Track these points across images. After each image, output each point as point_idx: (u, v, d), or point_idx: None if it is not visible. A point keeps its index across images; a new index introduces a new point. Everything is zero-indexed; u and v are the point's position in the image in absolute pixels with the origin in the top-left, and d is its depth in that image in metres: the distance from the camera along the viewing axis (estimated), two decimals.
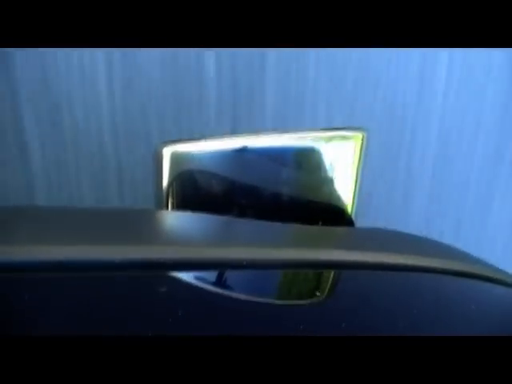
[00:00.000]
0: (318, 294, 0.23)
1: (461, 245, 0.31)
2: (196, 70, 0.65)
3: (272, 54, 0.67)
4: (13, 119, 0.64)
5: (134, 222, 0.27)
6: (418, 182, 0.76)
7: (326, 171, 0.32)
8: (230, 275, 0.22)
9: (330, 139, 0.31)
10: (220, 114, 0.67)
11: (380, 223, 0.31)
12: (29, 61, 0.62)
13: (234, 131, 0.65)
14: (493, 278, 0.26)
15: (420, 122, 0.74)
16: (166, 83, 0.65)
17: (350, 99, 0.70)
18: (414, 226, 0.75)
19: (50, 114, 0.64)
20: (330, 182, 0.32)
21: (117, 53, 0.64)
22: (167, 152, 0.32)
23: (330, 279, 0.24)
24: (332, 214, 0.33)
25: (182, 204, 0.33)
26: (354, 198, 0.33)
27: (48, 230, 0.23)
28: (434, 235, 0.31)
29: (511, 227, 0.82)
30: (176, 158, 0.32)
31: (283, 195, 0.32)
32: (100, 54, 0.65)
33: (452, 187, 0.78)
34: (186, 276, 0.21)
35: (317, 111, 0.70)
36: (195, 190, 0.32)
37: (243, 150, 0.31)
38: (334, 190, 0.32)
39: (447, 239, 0.31)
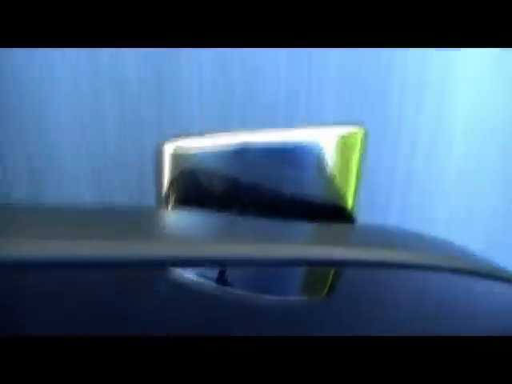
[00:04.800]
0: (320, 291, 0.22)
1: (460, 240, 0.31)
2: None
3: (273, 53, 0.67)
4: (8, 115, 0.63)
5: (136, 220, 0.27)
6: (418, 179, 0.76)
7: (327, 168, 0.32)
8: (232, 272, 0.22)
9: (331, 136, 0.31)
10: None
11: (381, 220, 0.31)
12: (21, 59, 0.62)
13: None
14: (498, 277, 0.26)
15: (420, 119, 0.74)
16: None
17: (352, 97, 0.71)
18: (414, 223, 0.75)
19: (48, 112, 0.64)
20: (332, 178, 0.32)
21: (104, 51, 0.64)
22: (168, 149, 0.32)
23: (332, 277, 0.24)
24: (333, 211, 0.33)
25: (183, 201, 0.32)
26: (355, 194, 0.33)
27: (49, 227, 0.22)
28: (435, 231, 0.31)
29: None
30: (177, 155, 0.32)
31: (284, 192, 0.32)
32: (86, 53, 0.65)
33: (451, 182, 0.78)
34: (187, 273, 0.21)
35: (319, 109, 0.70)
36: (195, 186, 0.32)
37: (244, 147, 0.31)
38: (336, 187, 0.32)
39: (449, 235, 0.31)
